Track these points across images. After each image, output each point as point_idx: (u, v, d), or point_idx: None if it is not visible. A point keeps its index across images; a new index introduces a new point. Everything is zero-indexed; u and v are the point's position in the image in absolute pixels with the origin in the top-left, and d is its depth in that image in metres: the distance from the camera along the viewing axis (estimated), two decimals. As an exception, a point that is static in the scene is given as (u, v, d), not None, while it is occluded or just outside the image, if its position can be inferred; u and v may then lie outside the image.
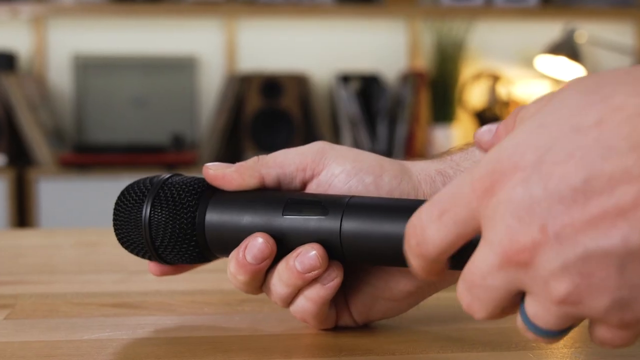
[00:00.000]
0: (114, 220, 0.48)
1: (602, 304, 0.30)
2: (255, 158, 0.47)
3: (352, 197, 0.43)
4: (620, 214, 0.29)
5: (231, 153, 2.74)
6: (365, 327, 0.48)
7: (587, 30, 2.80)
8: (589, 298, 0.30)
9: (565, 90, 0.33)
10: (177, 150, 2.68)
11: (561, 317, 0.32)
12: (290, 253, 0.43)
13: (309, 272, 0.43)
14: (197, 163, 2.62)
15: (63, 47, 2.81)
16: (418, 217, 0.35)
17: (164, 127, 2.80)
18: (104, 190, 2.46)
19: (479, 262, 0.33)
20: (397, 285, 0.45)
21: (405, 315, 0.48)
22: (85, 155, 2.59)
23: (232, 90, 2.73)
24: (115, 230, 0.48)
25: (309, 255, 0.43)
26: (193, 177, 0.48)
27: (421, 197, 0.46)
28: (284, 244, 0.44)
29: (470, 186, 0.33)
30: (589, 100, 0.31)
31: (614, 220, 0.29)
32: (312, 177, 0.46)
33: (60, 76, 2.82)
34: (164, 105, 2.83)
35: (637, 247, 0.29)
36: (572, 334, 0.46)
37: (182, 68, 2.82)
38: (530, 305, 0.32)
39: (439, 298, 0.54)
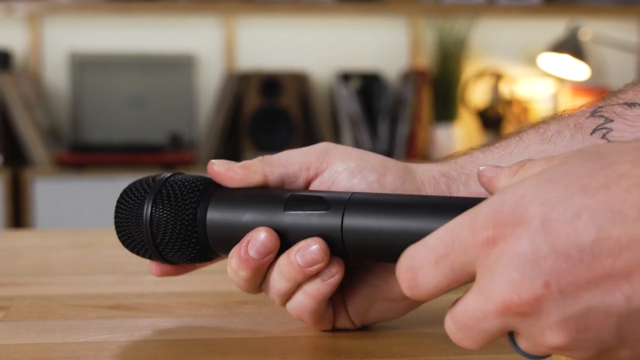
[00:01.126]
0: (115, 218, 0.48)
1: (590, 354, 0.32)
2: (260, 158, 0.48)
3: (354, 193, 0.44)
4: (623, 277, 0.31)
5: (230, 152, 2.74)
6: (364, 329, 0.48)
7: (591, 28, 2.80)
8: (581, 349, 0.32)
9: (570, 156, 0.34)
10: (175, 150, 2.68)
11: (550, 354, 0.34)
12: (292, 247, 0.44)
13: (310, 267, 0.43)
14: (196, 163, 2.62)
15: (59, 45, 2.81)
16: (410, 260, 0.35)
17: (162, 127, 2.80)
18: (100, 191, 2.46)
19: (473, 307, 0.34)
20: (397, 284, 0.45)
21: (405, 317, 0.48)
22: (81, 155, 2.59)
23: (230, 89, 2.73)
24: (117, 228, 0.48)
25: (310, 249, 0.43)
26: (195, 176, 0.48)
27: None
28: (285, 240, 0.44)
29: (471, 233, 0.33)
30: (595, 165, 0.32)
31: (617, 281, 0.31)
32: (315, 176, 0.47)
33: (56, 74, 2.82)
34: (161, 104, 2.83)
35: (638, 307, 0.31)
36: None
37: (180, 66, 2.82)
38: (522, 342, 0.34)
39: (440, 300, 0.54)
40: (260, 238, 0.44)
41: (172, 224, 0.46)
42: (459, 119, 2.88)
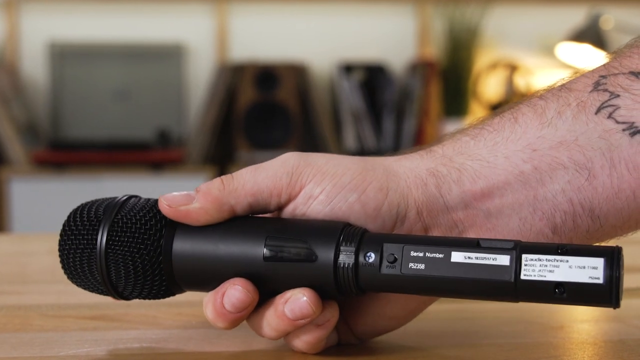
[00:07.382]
0: (60, 252, 0.45)
1: None
2: (219, 183, 0.45)
3: (342, 231, 0.43)
4: None
5: (222, 150, 2.74)
6: (369, 343, 0.48)
7: (613, 16, 2.80)
8: None
9: None
10: (163, 147, 2.69)
11: None
12: (279, 297, 0.43)
13: (300, 320, 0.42)
14: (185, 161, 2.62)
15: (37, 33, 2.81)
16: None
17: (149, 122, 2.80)
18: (82, 192, 2.46)
19: None
20: (397, 304, 0.45)
21: (413, 329, 0.48)
22: (61, 153, 2.59)
23: (223, 82, 2.73)
24: (63, 264, 0.46)
25: (300, 301, 0.42)
26: (155, 200, 0.45)
27: (412, 205, 0.44)
28: (268, 286, 0.43)
29: None
30: None
31: None
32: (288, 201, 0.45)
33: (34, 66, 2.82)
34: (148, 97, 2.84)
35: None
36: (598, 349, 0.46)
37: (169, 57, 2.82)
38: None
39: (450, 310, 0.54)
40: (235, 293, 0.43)
41: (132, 260, 0.43)
42: (470, 114, 2.88)
